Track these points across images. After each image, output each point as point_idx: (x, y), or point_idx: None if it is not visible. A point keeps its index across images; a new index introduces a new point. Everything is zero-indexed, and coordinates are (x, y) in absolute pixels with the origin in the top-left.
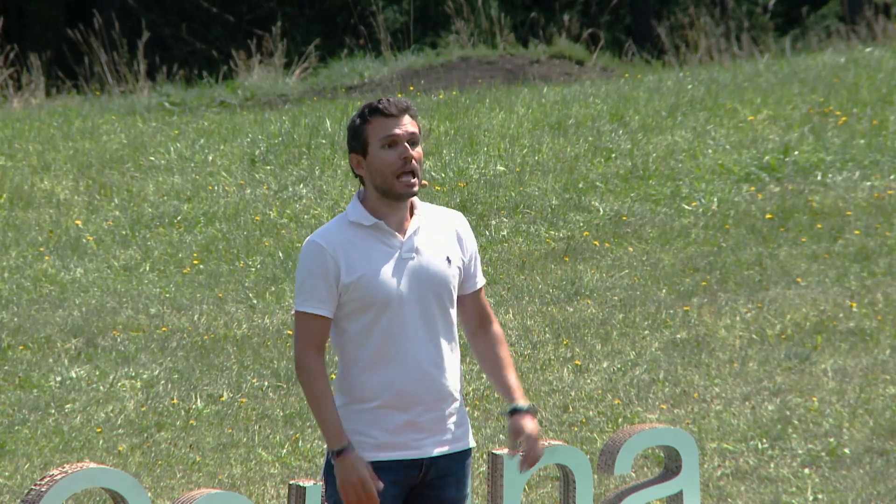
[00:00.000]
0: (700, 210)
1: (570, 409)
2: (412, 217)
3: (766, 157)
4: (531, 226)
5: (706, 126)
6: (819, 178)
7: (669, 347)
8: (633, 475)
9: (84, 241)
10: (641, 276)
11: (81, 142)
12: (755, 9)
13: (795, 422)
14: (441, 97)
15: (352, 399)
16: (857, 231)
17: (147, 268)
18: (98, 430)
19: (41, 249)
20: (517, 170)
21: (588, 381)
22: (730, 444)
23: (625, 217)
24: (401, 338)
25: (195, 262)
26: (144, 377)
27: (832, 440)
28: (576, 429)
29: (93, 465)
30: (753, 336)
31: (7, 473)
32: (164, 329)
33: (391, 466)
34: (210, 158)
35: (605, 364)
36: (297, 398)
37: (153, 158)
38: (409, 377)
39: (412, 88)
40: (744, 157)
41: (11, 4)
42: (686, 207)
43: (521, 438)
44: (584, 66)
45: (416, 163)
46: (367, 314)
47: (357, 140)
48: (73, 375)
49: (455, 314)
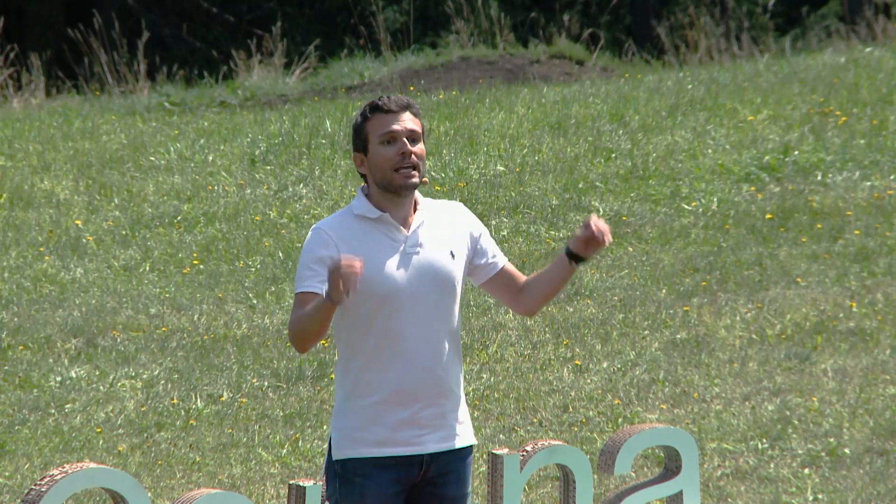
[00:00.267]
0: (700, 210)
1: (570, 409)
2: (416, 212)
3: (766, 157)
4: (531, 226)
5: (706, 126)
6: (819, 178)
7: (669, 347)
8: (633, 475)
9: (84, 241)
10: (641, 276)
11: (81, 142)
12: (755, 9)
13: (795, 422)
14: (441, 97)
15: (351, 394)
16: (857, 231)
17: (147, 268)
18: (98, 430)
19: (41, 249)
20: (517, 170)
21: (588, 381)
22: (730, 444)
23: (625, 217)
24: (402, 332)
25: (195, 262)
26: (144, 377)
27: (832, 440)
28: (576, 429)
29: (93, 465)
30: (753, 336)
31: (7, 473)
32: (164, 329)
33: (391, 464)
34: (210, 158)
35: (605, 364)
36: (297, 398)
37: (153, 158)
38: (410, 373)
39: (412, 88)
40: (744, 157)
41: (11, 4)
42: (686, 207)
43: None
44: (584, 66)
45: (417, 159)
46: (369, 308)
47: (359, 138)
48: (73, 375)
49: (458, 310)
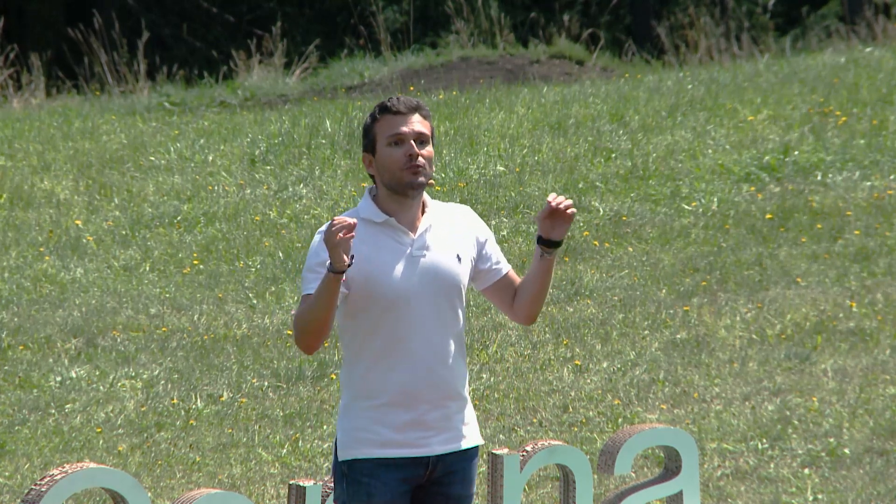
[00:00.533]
0: (700, 210)
1: (570, 410)
2: (423, 215)
3: (766, 157)
4: (531, 226)
5: (706, 126)
6: (819, 178)
7: (669, 347)
8: (633, 475)
9: (84, 241)
10: (641, 276)
11: (81, 142)
12: (755, 9)
13: (795, 422)
14: (441, 97)
15: (357, 396)
16: (857, 231)
17: (147, 268)
18: (98, 430)
19: (41, 249)
20: (517, 170)
21: (588, 381)
22: (730, 444)
23: (625, 217)
24: (408, 335)
25: (195, 262)
26: (144, 377)
27: (832, 440)
28: (576, 429)
29: (93, 465)
30: (753, 336)
31: (7, 473)
32: (164, 329)
33: (397, 464)
34: (210, 158)
35: (605, 364)
36: (297, 398)
37: (153, 158)
38: (415, 375)
39: (412, 88)
40: (744, 157)
41: (11, 4)
42: (686, 207)
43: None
44: (584, 66)
45: (424, 161)
46: (375, 310)
47: (367, 138)
48: (73, 375)
49: (463, 313)
